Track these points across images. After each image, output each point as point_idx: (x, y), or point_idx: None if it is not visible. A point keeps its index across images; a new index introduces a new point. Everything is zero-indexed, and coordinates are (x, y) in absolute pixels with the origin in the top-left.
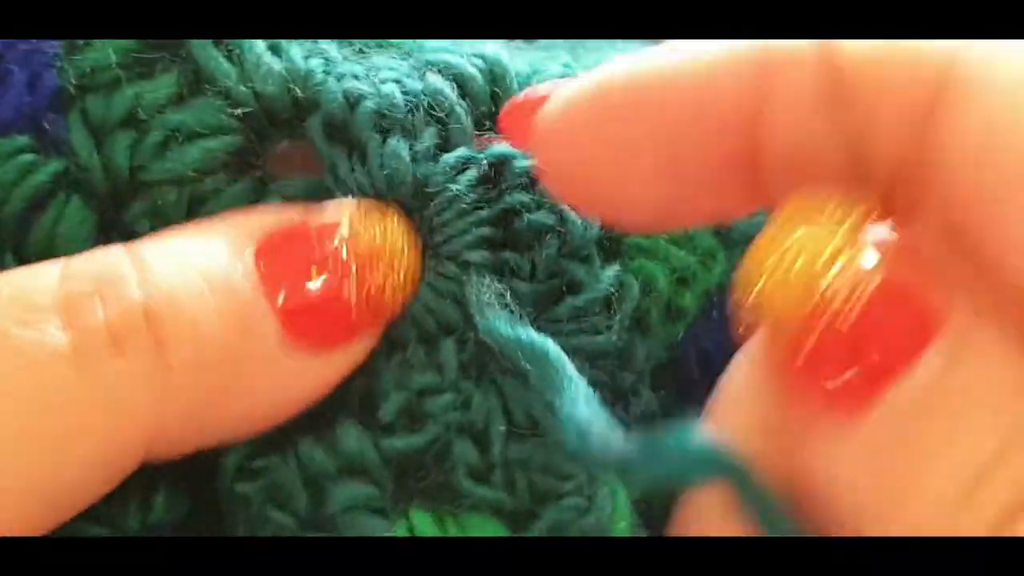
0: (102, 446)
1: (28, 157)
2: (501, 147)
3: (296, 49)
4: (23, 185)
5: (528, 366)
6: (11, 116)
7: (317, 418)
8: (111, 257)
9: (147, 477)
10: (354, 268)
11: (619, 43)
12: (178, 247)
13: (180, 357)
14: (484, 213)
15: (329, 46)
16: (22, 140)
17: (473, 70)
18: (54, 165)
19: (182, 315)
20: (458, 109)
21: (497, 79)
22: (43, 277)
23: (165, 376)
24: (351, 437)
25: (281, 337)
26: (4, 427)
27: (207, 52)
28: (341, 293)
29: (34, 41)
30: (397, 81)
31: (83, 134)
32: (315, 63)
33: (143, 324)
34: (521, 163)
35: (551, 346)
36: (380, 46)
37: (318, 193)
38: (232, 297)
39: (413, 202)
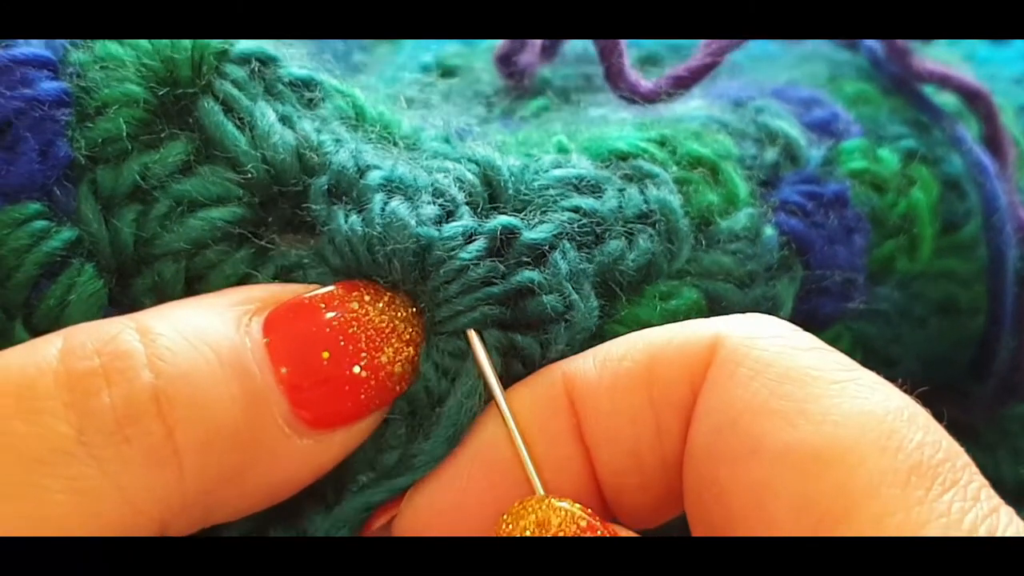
0: (113, 531)
1: (41, 223)
2: (507, 219)
3: (307, 123)
4: (36, 252)
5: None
6: (23, 183)
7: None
8: (116, 329)
9: None
10: (364, 345)
11: (611, 116)
12: (185, 319)
13: (190, 440)
14: (495, 289)
15: (340, 127)
16: (35, 207)
17: (470, 174)
18: (67, 233)
19: (194, 397)
20: (460, 196)
21: (492, 181)
22: (42, 353)
23: (174, 461)
24: (317, 527)
25: (290, 417)
26: (12, 519)
27: (216, 119)
28: (351, 371)
29: (46, 108)
30: (404, 167)
31: (92, 206)
32: (326, 137)
33: (152, 408)
34: (528, 236)
35: None
36: (382, 139)
37: (316, 264)
38: (243, 375)
39: (415, 271)
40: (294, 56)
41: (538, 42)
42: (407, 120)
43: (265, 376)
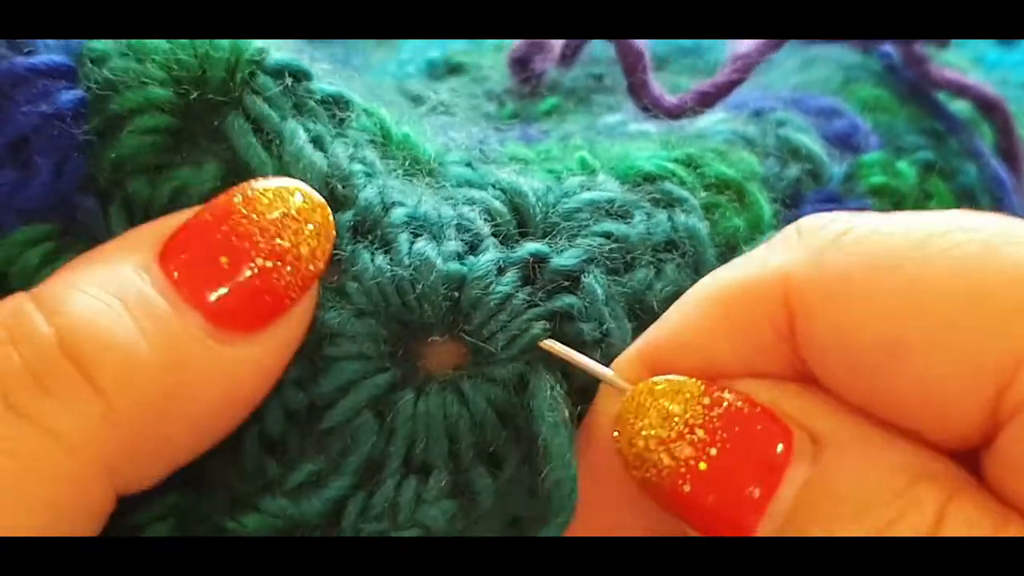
0: (63, 487)
1: (51, 245)
2: (534, 246)
3: (340, 147)
4: (43, 274)
5: (554, 483)
6: (38, 202)
7: None
8: (12, 302)
9: None
10: (259, 237)
11: (631, 125)
12: (80, 277)
13: (107, 376)
14: (540, 310)
15: (372, 152)
16: (47, 228)
17: (496, 202)
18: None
19: (100, 338)
20: (485, 228)
21: (519, 207)
22: None
23: (99, 399)
24: None
25: (210, 331)
26: None
27: (246, 140)
28: (255, 264)
29: (64, 122)
30: (428, 204)
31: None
32: (357, 167)
33: (61, 354)
34: (557, 262)
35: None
36: (409, 170)
37: (336, 302)
38: (150, 309)
39: (450, 314)
40: (323, 70)
41: (556, 48)
42: (430, 142)
43: (172, 300)
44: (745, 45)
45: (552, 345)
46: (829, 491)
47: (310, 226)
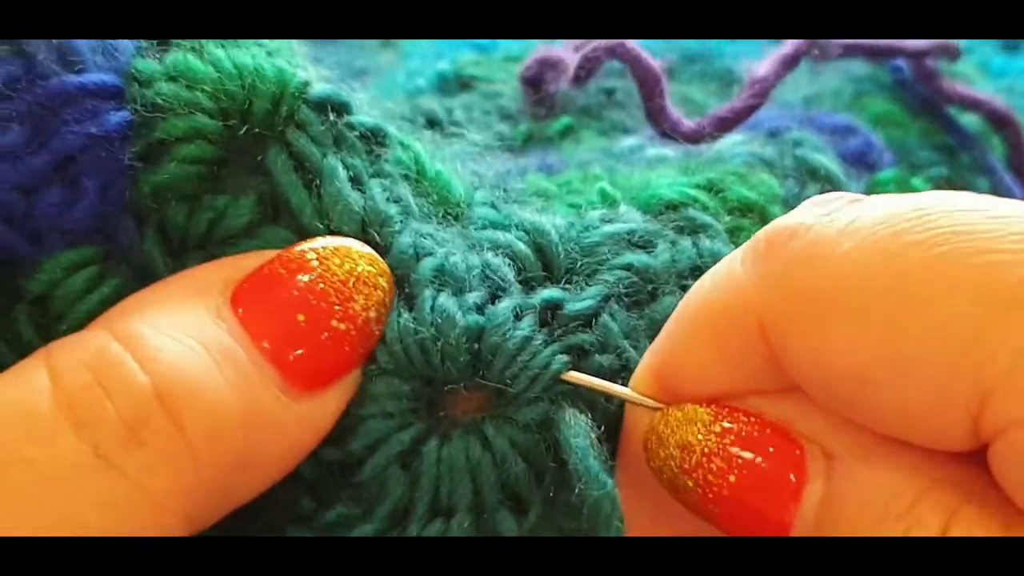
0: (147, 533)
1: (95, 269)
2: (550, 292)
3: (377, 187)
4: (87, 300)
5: (592, 505)
6: (82, 225)
7: None
8: (98, 340)
9: None
10: (335, 298)
11: (649, 150)
12: (160, 317)
13: (200, 431)
14: (556, 346)
15: (406, 189)
16: (91, 251)
17: (521, 244)
18: (118, 280)
19: (196, 392)
20: (510, 274)
21: (543, 247)
22: (32, 379)
23: (189, 454)
24: None
25: (283, 386)
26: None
27: (287, 178)
28: (330, 326)
29: (111, 145)
30: (456, 253)
31: (160, 251)
32: (393, 209)
33: (158, 407)
34: (572, 308)
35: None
36: (438, 210)
37: None
38: (230, 358)
39: (471, 370)
40: (360, 99)
41: (570, 66)
42: (459, 178)
43: (250, 353)
44: (763, 69)
45: (574, 376)
46: (840, 515)
47: (378, 292)
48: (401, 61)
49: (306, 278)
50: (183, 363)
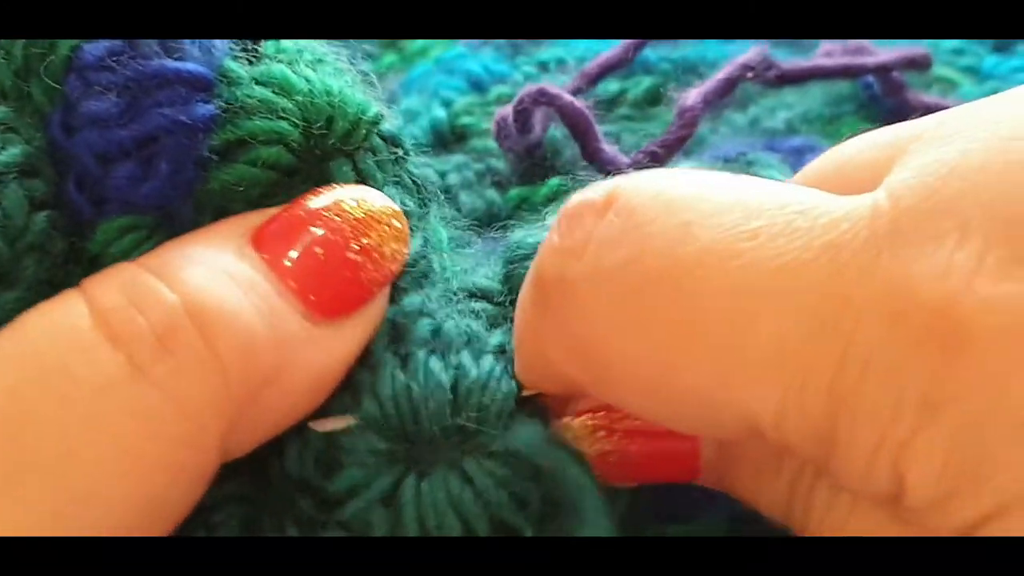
0: (182, 451)
1: (143, 234)
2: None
3: (419, 240)
4: (132, 257)
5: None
6: (144, 203)
7: None
8: (128, 272)
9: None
10: (350, 233)
11: None
12: (189, 253)
13: (229, 347)
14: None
15: (435, 254)
16: (147, 219)
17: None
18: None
19: (223, 309)
20: (484, 336)
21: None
22: (70, 305)
23: (219, 368)
24: None
25: (307, 313)
26: (89, 456)
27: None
28: (347, 256)
29: (193, 135)
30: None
31: None
32: (423, 264)
33: (188, 320)
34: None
35: None
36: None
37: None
38: (255, 287)
39: (453, 435)
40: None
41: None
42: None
43: (275, 284)
44: (691, 98)
45: (531, 393)
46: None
47: (389, 228)
48: (404, 60)
49: (323, 214)
50: (211, 285)
